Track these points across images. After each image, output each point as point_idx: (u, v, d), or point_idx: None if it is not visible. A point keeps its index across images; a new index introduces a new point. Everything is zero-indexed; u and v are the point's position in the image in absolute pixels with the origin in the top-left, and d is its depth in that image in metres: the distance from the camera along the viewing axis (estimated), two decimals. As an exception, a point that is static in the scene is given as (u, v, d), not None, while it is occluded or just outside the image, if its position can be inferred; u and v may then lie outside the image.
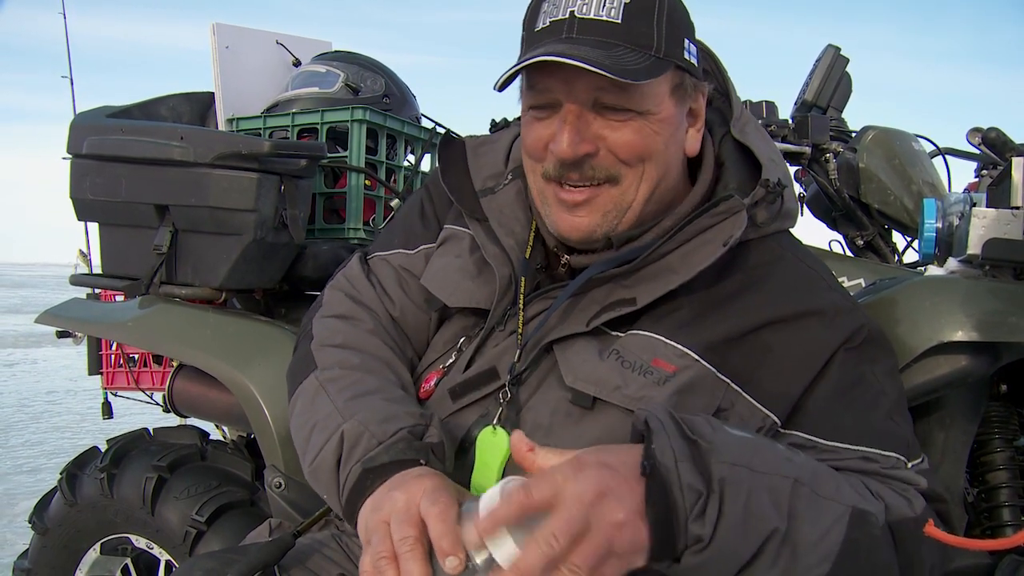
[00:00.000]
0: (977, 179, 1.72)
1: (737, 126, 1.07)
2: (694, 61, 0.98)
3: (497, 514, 0.73)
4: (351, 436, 0.93)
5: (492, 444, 0.97)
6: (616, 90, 0.92)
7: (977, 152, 1.69)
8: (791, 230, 1.08)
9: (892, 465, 0.92)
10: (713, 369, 0.94)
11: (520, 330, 1.02)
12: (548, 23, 0.94)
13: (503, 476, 0.95)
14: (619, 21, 0.92)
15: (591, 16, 0.92)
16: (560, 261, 1.07)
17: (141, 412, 2.52)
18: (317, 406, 1.00)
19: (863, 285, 1.47)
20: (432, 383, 1.06)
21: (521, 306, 1.03)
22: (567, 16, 0.93)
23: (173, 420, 2.05)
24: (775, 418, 0.94)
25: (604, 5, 0.93)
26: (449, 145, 1.17)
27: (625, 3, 0.93)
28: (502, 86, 0.95)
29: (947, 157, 1.90)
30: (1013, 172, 1.30)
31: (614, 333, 0.98)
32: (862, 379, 0.95)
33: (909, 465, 0.93)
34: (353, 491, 0.90)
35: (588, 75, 0.89)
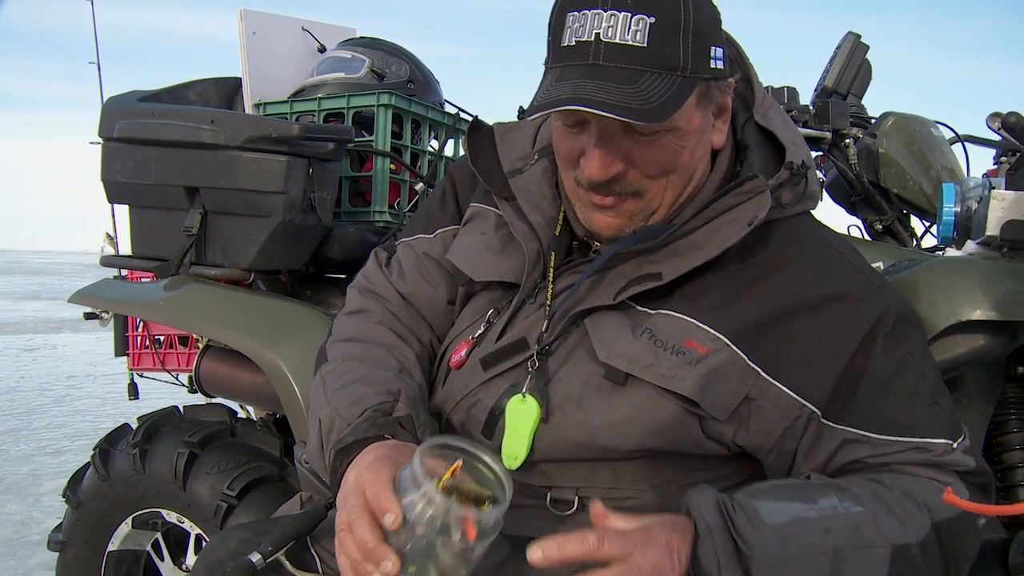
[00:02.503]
0: (996, 166, 1.72)
1: (760, 111, 1.08)
2: (721, 66, 0.97)
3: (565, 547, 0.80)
4: (327, 423, 1.01)
5: (522, 411, 1.00)
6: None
7: (997, 139, 1.70)
8: (812, 212, 1.10)
9: (943, 451, 0.95)
10: (743, 355, 0.96)
11: (549, 302, 1.05)
12: (574, 42, 0.93)
13: (533, 443, 1.00)
14: (645, 45, 0.90)
15: (617, 41, 0.90)
16: (591, 247, 1.09)
17: (161, 396, 2.54)
18: (316, 398, 1.07)
19: (882, 268, 1.49)
20: (463, 353, 1.09)
21: (550, 279, 1.06)
22: (592, 39, 0.91)
23: (195, 401, 2.08)
24: (813, 408, 0.96)
25: (630, 28, 0.90)
26: (478, 130, 1.19)
27: (651, 23, 0.90)
28: (529, 113, 0.94)
29: (966, 144, 1.91)
30: (1032, 156, 1.31)
31: (642, 309, 1.00)
32: (903, 364, 0.98)
33: (955, 445, 0.96)
34: (333, 475, 0.96)
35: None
